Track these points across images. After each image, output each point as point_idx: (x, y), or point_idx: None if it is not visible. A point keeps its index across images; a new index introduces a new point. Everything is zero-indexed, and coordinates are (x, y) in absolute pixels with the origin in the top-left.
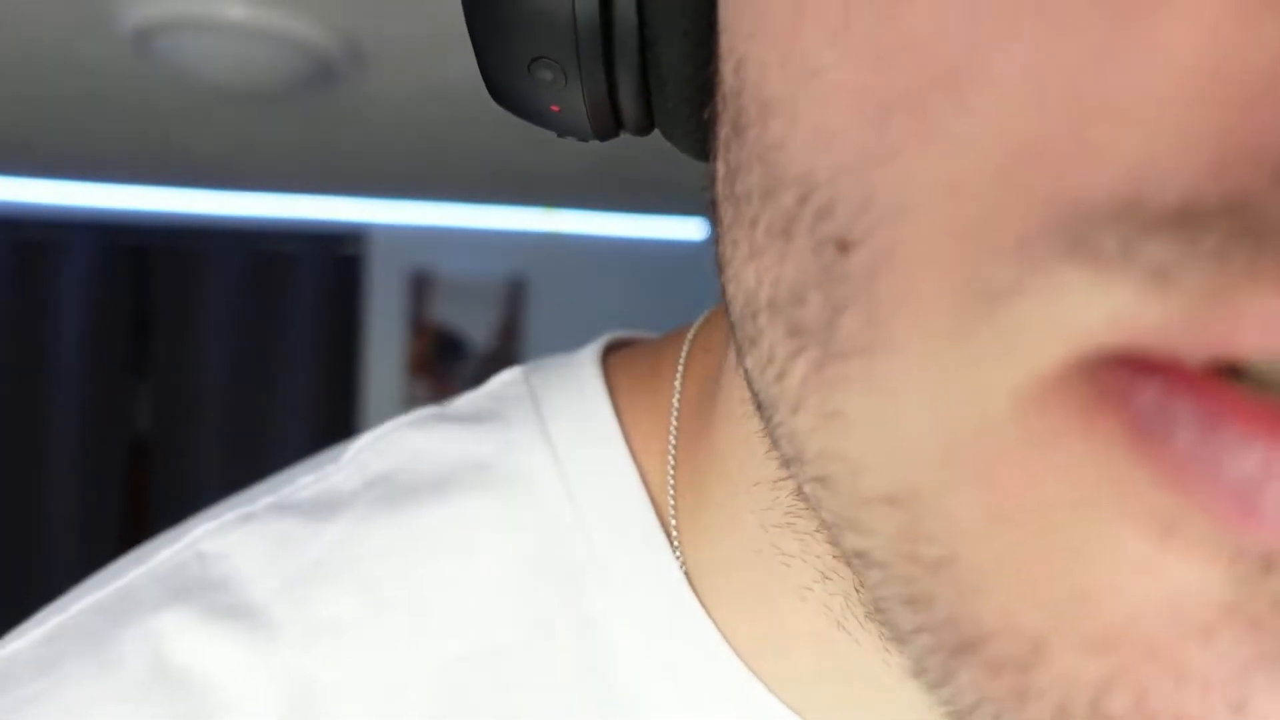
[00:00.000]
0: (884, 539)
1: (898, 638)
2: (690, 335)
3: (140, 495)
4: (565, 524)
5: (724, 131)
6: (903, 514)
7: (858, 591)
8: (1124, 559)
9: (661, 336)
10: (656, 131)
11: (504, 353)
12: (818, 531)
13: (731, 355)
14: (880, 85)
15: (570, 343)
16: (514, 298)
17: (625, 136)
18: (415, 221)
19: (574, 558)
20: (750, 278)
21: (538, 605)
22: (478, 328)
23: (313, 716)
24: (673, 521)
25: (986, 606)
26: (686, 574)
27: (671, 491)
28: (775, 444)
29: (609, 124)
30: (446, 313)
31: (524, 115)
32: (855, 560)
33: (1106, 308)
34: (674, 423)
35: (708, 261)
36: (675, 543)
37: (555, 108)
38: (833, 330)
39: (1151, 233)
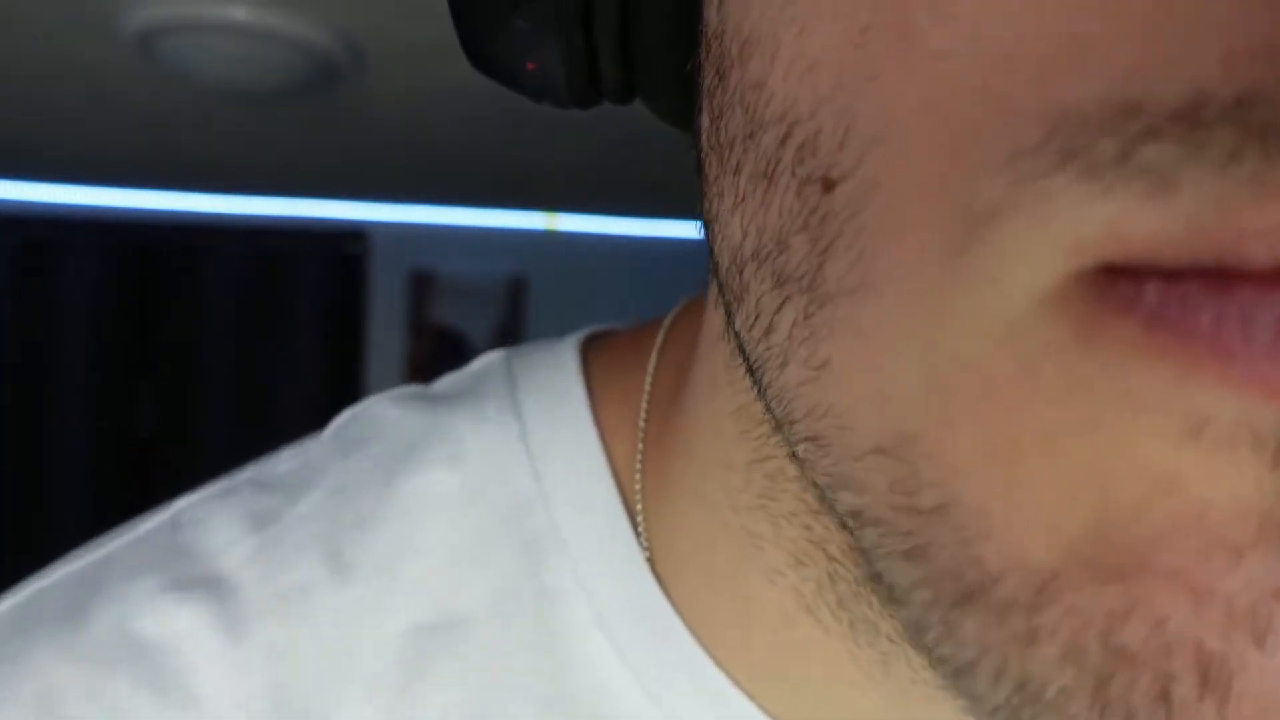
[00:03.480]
0: (879, 493)
1: (895, 598)
2: (667, 322)
3: (145, 493)
4: (528, 496)
5: (708, 78)
6: (897, 464)
7: (831, 578)
8: (1144, 474)
9: (640, 325)
10: (654, 135)
11: None
12: (793, 515)
13: (706, 331)
14: (858, 5)
15: None
16: (515, 298)
17: (625, 138)
18: (416, 221)
19: (535, 530)
20: (735, 229)
21: (499, 575)
22: (478, 328)
23: (276, 684)
24: (638, 503)
25: (991, 549)
26: (650, 555)
27: (639, 473)
28: (767, 408)
29: (586, 85)
30: (447, 313)
31: (497, 75)
32: (850, 520)
33: (1104, 217)
34: (644, 405)
35: (707, 259)
36: (639, 523)
37: (531, 65)
38: (819, 274)
39: (1152, 137)
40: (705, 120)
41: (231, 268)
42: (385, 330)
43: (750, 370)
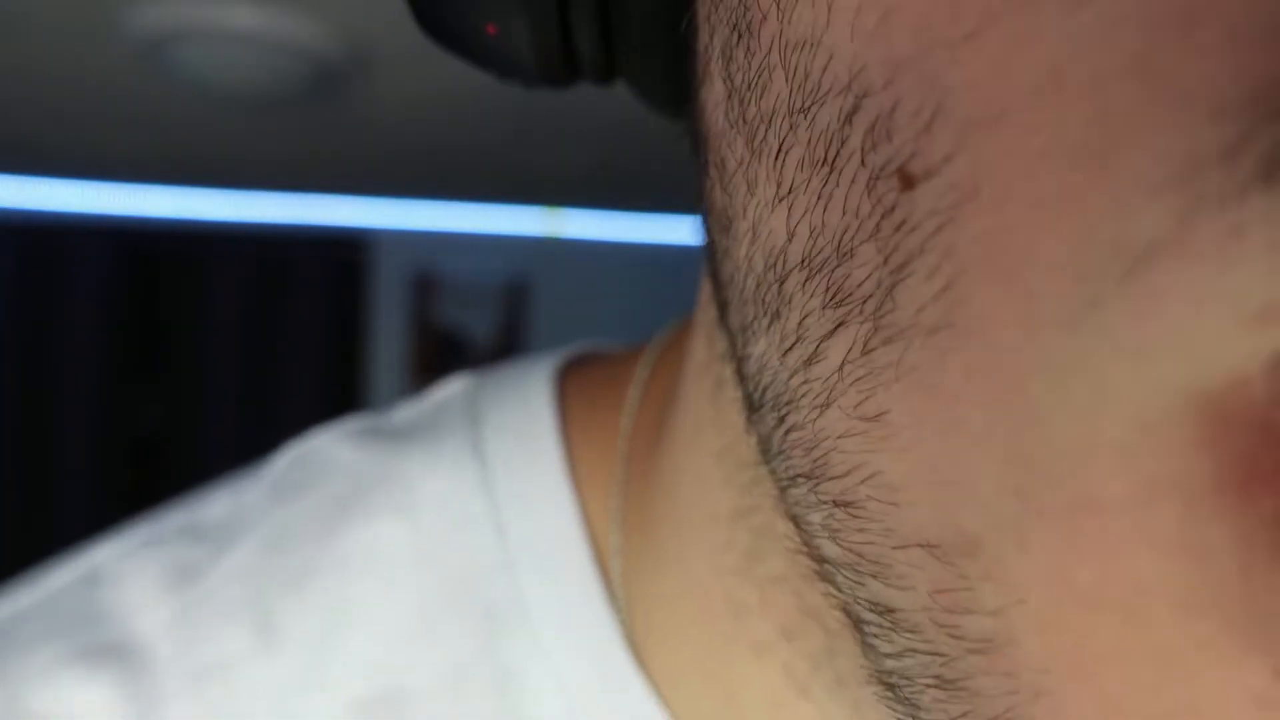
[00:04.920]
0: (916, 596)
1: (915, 716)
2: (653, 348)
3: (149, 497)
4: (489, 557)
5: (720, 39)
6: (945, 570)
7: (830, 653)
8: None
9: (624, 350)
10: (657, 131)
11: (506, 355)
12: (782, 580)
13: (691, 358)
14: None
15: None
16: (517, 300)
17: (628, 135)
18: (419, 225)
19: (496, 596)
20: (779, 227)
21: (452, 648)
22: (480, 330)
23: None
24: (614, 563)
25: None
26: (625, 625)
27: (617, 528)
28: (782, 456)
29: (558, 55)
30: (449, 315)
31: (451, 43)
32: (874, 615)
33: None
34: (623, 448)
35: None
36: (615, 588)
37: (491, 29)
38: (890, 299)
39: None
40: (718, 92)
41: (235, 273)
42: (388, 333)
43: (756, 409)
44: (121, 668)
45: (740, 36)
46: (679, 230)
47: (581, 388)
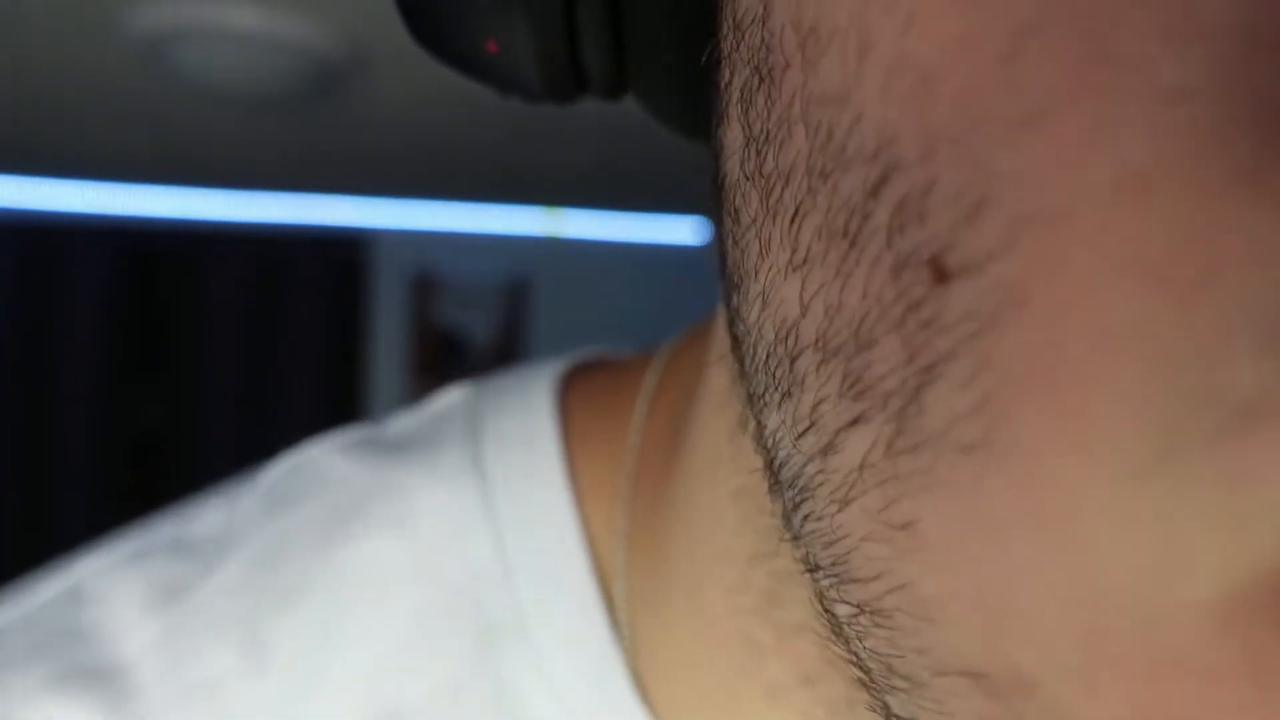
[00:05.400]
0: None
1: None
2: (662, 358)
3: (149, 497)
4: (487, 572)
5: (741, 79)
6: (997, 706)
7: (850, 704)
8: None
9: (630, 357)
10: (657, 132)
11: (506, 355)
12: (802, 629)
13: (710, 386)
14: None
15: (572, 346)
16: (517, 300)
17: (628, 135)
18: (419, 225)
19: (495, 613)
20: (790, 299)
21: (449, 663)
22: (481, 330)
23: None
24: (618, 583)
25: None
26: (629, 650)
27: (623, 547)
28: (800, 542)
29: (564, 72)
30: (449, 315)
31: (450, 58)
32: None
33: None
34: (630, 463)
35: (712, 265)
36: (618, 609)
37: (492, 46)
38: (916, 402)
39: None
40: (736, 137)
41: (235, 273)
42: (388, 333)
43: (776, 485)
44: (104, 691)
45: (761, 81)
46: (679, 230)
47: (585, 398)
